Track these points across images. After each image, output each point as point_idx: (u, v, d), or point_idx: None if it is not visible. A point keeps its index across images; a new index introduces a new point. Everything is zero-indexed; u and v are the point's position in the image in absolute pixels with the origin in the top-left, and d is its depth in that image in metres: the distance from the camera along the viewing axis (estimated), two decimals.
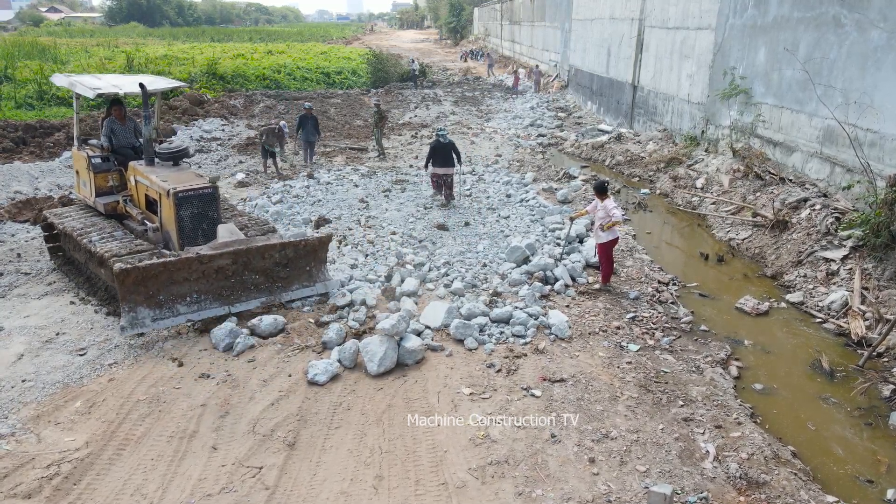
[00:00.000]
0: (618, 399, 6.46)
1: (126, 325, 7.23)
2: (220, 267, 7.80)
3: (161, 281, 7.37)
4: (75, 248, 8.87)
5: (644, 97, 19.98)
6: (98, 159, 9.37)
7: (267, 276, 8.22)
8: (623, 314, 8.44)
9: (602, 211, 8.94)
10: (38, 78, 25.01)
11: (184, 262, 7.48)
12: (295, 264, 8.39)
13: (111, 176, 9.44)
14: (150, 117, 8.94)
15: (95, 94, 8.76)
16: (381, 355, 6.88)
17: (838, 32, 10.87)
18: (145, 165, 8.99)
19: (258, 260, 8.06)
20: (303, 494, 5.16)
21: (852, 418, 6.51)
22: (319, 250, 8.58)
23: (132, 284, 7.17)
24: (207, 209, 8.52)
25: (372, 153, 18.79)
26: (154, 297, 7.39)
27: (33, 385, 6.65)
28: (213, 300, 7.85)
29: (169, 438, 5.84)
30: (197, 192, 8.38)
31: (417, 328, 7.70)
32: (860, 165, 10.01)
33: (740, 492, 5.22)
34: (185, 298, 7.65)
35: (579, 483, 5.26)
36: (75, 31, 71.77)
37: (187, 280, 7.59)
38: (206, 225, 8.52)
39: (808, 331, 8.35)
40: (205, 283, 7.75)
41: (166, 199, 8.26)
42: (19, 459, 5.52)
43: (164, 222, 8.49)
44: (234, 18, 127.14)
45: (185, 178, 8.65)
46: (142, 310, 7.33)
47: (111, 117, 9.59)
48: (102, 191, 9.42)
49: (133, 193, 9.20)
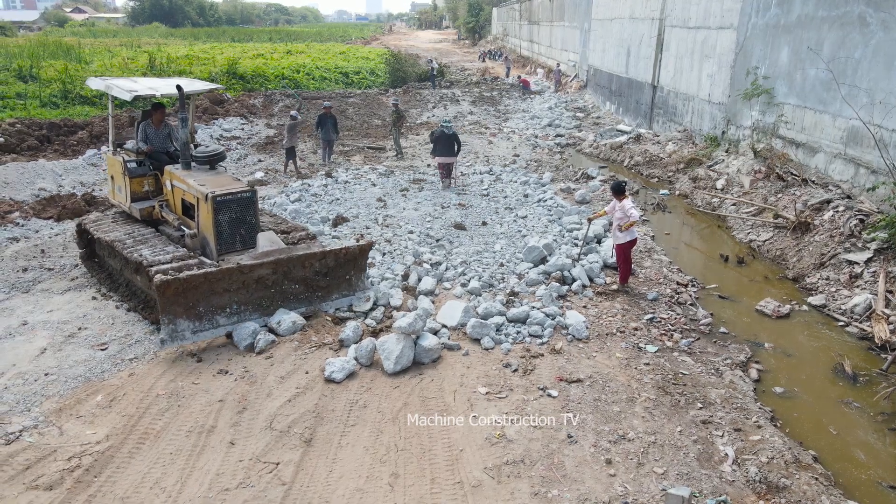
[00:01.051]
0: (635, 400, 6.41)
1: (166, 338, 7.03)
2: (260, 277, 7.62)
3: (201, 292, 7.18)
4: (111, 254, 8.76)
5: (664, 97, 19.81)
6: (133, 164, 9.19)
7: (307, 285, 8.04)
8: (641, 315, 8.37)
9: (620, 211, 8.88)
10: (62, 77, 25.41)
11: (224, 273, 7.30)
12: (335, 273, 8.21)
13: (146, 181, 9.28)
14: (187, 120, 8.74)
15: (132, 97, 8.60)
16: (397, 354, 6.89)
17: (863, 31, 10.69)
18: (182, 169, 8.77)
19: (298, 269, 7.89)
20: (319, 491, 5.18)
21: (875, 423, 6.39)
22: (360, 258, 8.39)
23: (172, 296, 6.97)
24: (245, 214, 8.30)
25: (390, 152, 18.84)
26: (194, 308, 7.19)
27: (56, 379, 6.75)
28: (252, 311, 7.68)
29: (188, 433, 5.90)
30: (235, 197, 8.16)
31: (434, 327, 7.72)
32: (885, 167, 9.84)
33: (760, 496, 5.16)
34: (225, 309, 7.46)
35: (596, 484, 5.22)
36: (99, 31, 72.81)
37: (227, 291, 7.41)
38: (244, 230, 8.32)
39: (831, 334, 8.22)
40: (245, 294, 7.57)
41: (204, 203, 8.04)
42: (41, 452, 5.62)
43: (202, 228, 8.27)
44: (254, 19, 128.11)
45: (222, 182, 8.43)
46: (181, 322, 7.14)
47: (147, 121, 9.42)
48: (138, 196, 9.25)
49: (169, 198, 9.02)
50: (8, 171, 14.15)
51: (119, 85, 9.06)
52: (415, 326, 7.05)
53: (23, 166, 14.73)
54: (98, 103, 23.85)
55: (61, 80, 25.06)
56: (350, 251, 8.23)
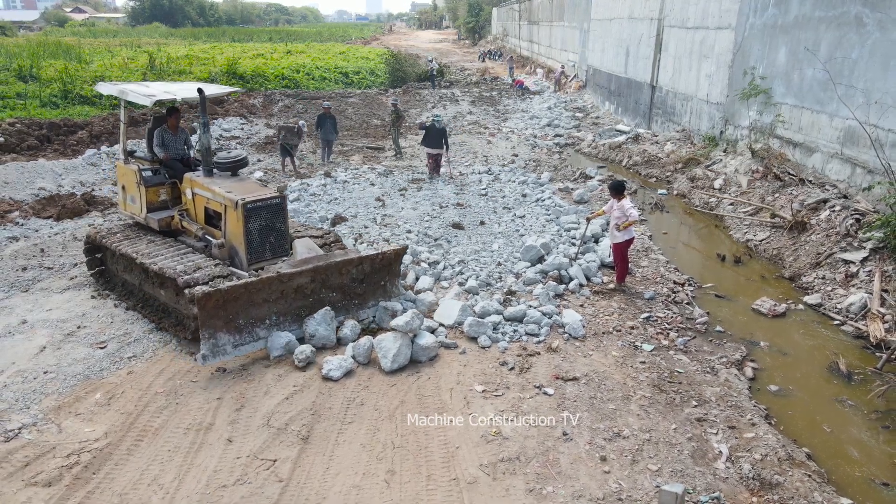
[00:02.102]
0: (631, 398, 6.45)
1: (207, 353, 6.75)
2: (299, 286, 7.37)
3: (241, 304, 6.92)
4: (127, 268, 8.43)
5: (662, 97, 19.85)
6: (149, 172, 8.74)
7: (344, 292, 7.82)
8: (638, 314, 8.41)
9: (618, 211, 8.91)
10: (62, 77, 25.46)
11: (264, 283, 7.03)
12: (370, 279, 8.02)
13: (163, 190, 8.80)
14: (208, 124, 8.35)
15: (152, 101, 8.18)
16: (394, 352, 6.93)
17: (860, 32, 10.74)
18: (203, 176, 8.38)
19: (336, 276, 7.67)
20: (316, 487, 5.22)
21: (869, 421, 6.43)
22: (394, 264, 8.25)
23: (212, 309, 6.67)
24: (275, 221, 7.96)
25: (389, 152, 18.88)
26: (234, 321, 6.93)
27: (55, 377, 6.79)
28: (291, 321, 7.45)
29: (185, 430, 5.95)
30: (265, 203, 7.81)
31: (431, 325, 7.75)
32: (881, 166, 9.88)
33: (753, 493, 5.20)
34: (265, 321, 7.20)
35: (590, 481, 5.26)
36: (99, 31, 72.86)
37: (266, 301, 7.16)
38: (273, 238, 7.99)
39: (826, 333, 8.26)
40: (283, 304, 7.33)
41: (233, 210, 7.71)
42: (40, 449, 5.66)
43: (230, 236, 7.93)
44: (254, 19, 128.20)
45: (249, 189, 8.08)
46: (222, 336, 6.87)
47: (162, 127, 9.01)
48: (154, 206, 8.74)
49: (189, 207, 8.57)
50: (8, 171, 14.19)
51: (134, 90, 8.66)
52: (412, 325, 7.10)
53: (22, 166, 14.78)
54: (98, 103, 23.89)
55: (61, 79, 25.11)
56: (386, 256, 8.05)
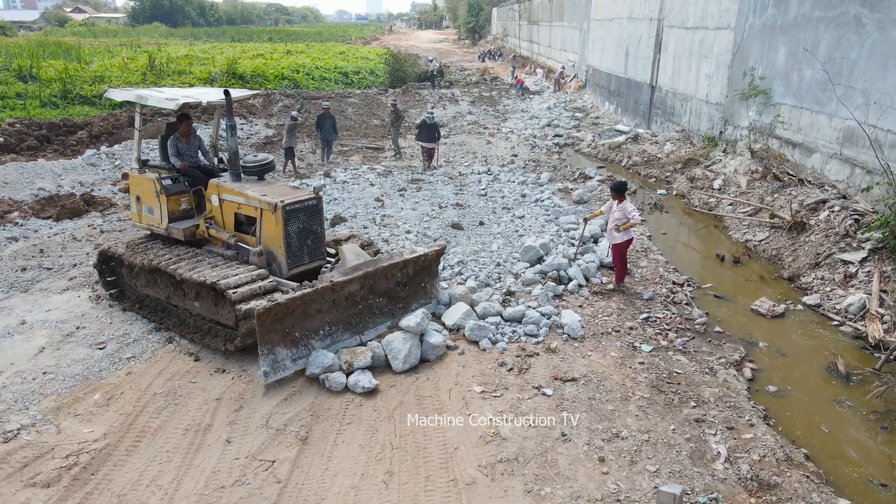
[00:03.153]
0: (629, 399, 6.45)
1: (269, 370, 6.49)
2: (350, 294, 7.17)
3: (296, 316, 6.71)
4: (150, 283, 8.11)
5: (662, 97, 19.86)
6: (168, 181, 8.39)
7: (389, 297, 7.65)
8: (637, 315, 8.41)
9: (619, 212, 8.90)
10: (62, 77, 25.47)
11: (319, 293, 6.81)
12: (413, 282, 7.88)
13: (184, 198, 8.48)
14: (235, 128, 8.08)
15: (177, 106, 7.86)
16: (405, 353, 6.93)
17: (859, 32, 10.74)
18: (231, 182, 8.12)
19: (382, 281, 7.50)
20: (314, 488, 5.23)
21: (868, 422, 6.44)
22: (434, 264, 8.12)
23: (271, 323, 6.43)
24: (312, 223, 7.78)
25: (388, 152, 18.89)
26: (290, 334, 6.70)
27: (54, 377, 6.80)
28: (343, 330, 7.20)
29: (184, 431, 5.95)
30: (303, 205, 7.62)
31: (436, 326, 7.72)
32: (880, 167, 9.88)
33: (751, 493, 5.20)
34: (318, 332, 6.98)
35: (589, 482, 5.27)
36: (99, 31, 72.87)
37: (319, 312, 6.93)
38: (310, 241, 7.82)
39: (825, 333, 8.26)
40: (335, 313, 7.11)
41: (271, 214, 7.48)
42: (39, 450, 5.66)
43: (267, 241, 7.68)
44: (254, 19, 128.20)
45: (283, 191, 7.85)
46: (280, 350, 6.63)
47: (175, 135, 8.68)
48: (175, 216, 8.41)
49: (216, 215, 8.23)
50: (7, 171, 14.21)
51: (154, 95, 8.31)
52: (422, 325, 7.12)
53: (22, 166, 14.79)
54: (97, 104, 23.89)
55: (61, 80, 25.12)
56: (428, 257, 7.91)
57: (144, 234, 9.02)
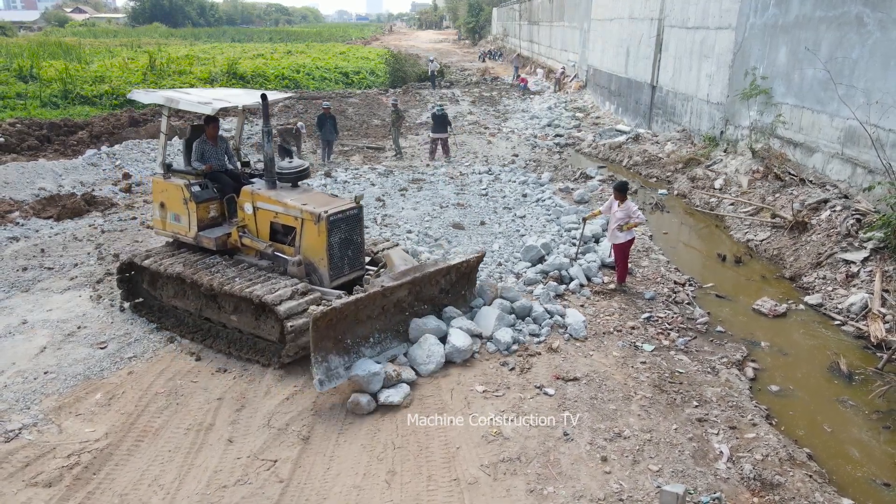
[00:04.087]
0: (631, 398, 6.45)
1: (323, 379, 6.24)
2: (398, 300, 7.03)
3: (348, 322, 6.54)
4: (179, 294, 7.87)
5: (663, 97, 19.85)
6: (197, 187, 8.01)
7: (433, 304, 7.50)
8: (638, 314, 8.40)
9: (622, 212, 8.88)
10: (62, 77, 25.48)
11: (370, 298, 6.63)
12: (454, 289, 7.73)
13: (213, 206, 8.11)
14: (271, 133, 7.71)
15: (213, 110, 7.53)
16: (426, 353, 6.86)
17: (861, 32, 10.73)
18: (267, 189, 7.78)
19: (428, 288, 7.35)
20: (316, 488, 5.22)
21: (870, 421, 6.43)
22: (473, 272, 7.95)
23: (324, 329, 6.25)
24: (353, 233, 7.53)
25: (389, 152, 18.88)
26: (342, 341, 6.51)
27: (55, 377, 6.79)
28: (392, 338, 7.06)
29: (186, 431, 5.94)
30: (345, 214, 7.37)
31: (471, 328, 7.48)
32: (882, 166, 9.87)
33: (754, 493, 5.19)
34: (368, 339, 6.81)
35: (591, 481, 5.26)
36: (99, 31, 72.91)
37: (370, 318, 6.78)
38: (351, 251, 7.57)
39: (827, 333, 8.26)
40: (383, 320, 6.96)
41: (313, 224, 7.19)
42: (41, 449, 5.66)
43: (307, 252, 7.39)
44: (254, 19, 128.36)
45: (323, 200, 7.60)
46: (333, 358, 6.41)
47: (201, 138, 8.36)
48: (204, 223, 8.03)
49: (249, 223, 7.88)
50: (8, 171, 14.20)
51: (185, 98, 7.91)
52: (441, 328, 7.06)
53: (23, 166, 14.79)
54: (98, 103, 23.91)
55: (61, 80, 25.13)
56: (470, 263, 7.76)
57: (166, 242, 8.60)
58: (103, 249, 10.44)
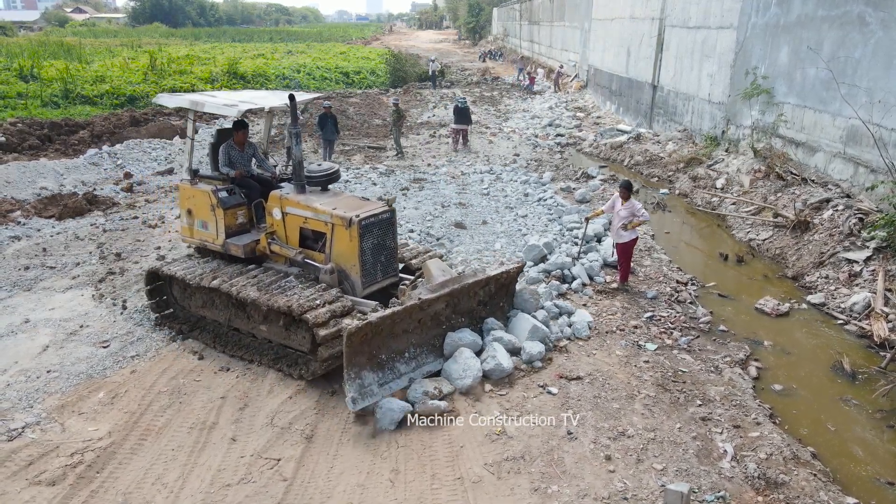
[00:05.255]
0: (635, 397, 6.44)
1: (356, 396, 5.96)
2: (435, 313, 6.73)
3: (383, 337, 6.27)
4: (207, 303, 7.63)
5: (664, 97, 19.84)
6: (224, 193, 7.76)
7: (471, 317, 7.19)
8: (641, 313, 8.40)
9: (626, 210, 8.86)
10: (63, 77, 25.48)
11: (407, 311, 6.34)
12: (492, 301, 7.43)
13: (241, 212, 7.87)
14: (300, 135, 7.43)
15: (239, 112, 7.34)
16: (462, 367, 6.58)
17: (863, 31, 10.72)
18: (296, 194, 7.50)
19: (466, 300, 7.05)
20: (320, 486, 5.21)
21: (874, 420, 6.42)
22: (512, 283, 7.67)
23: (358, 344, 5.99)
24: (386, 238, 7.24)
25: (390, 152, 18.88)
26: (376, 357, 6.25)
27: (58, 376, 6.79)
28: (428, 353, 6.75)
29: (189, 429, 5.94)
30: (378, 219, 7.08)
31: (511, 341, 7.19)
32: (885, 166, 9.87)
33: (758, 492, 5.18)
34: (404, 354, 6.52)
35: (595, 480, 5.25)
36: (99, 31, 72.95)
37: (405, 332, 6.48)
38: (384, 257, 7.29)
39: (830, 332, 8.25)
40: (419, 334, 6.66)
41: (345, 229, 6.91)
42: (44, 448, 5.65)
43: (339, 258, 7.10)
44: (254, 19, 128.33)
45: (354, 204, 7.30)
46: (367, 374, 6.16)
47: (228, 143, 8.10)
48: (232, 230, 7.78)
49: (278, 229, 7.60)
50: (9, 171, 14.19)
51: (210, 101, 7.73)
52: (477, 342, 6.87)
53: (24, 165, 14.78)
54: (99, 103, 23.89)
55: (62, 79, 25.13)
56: (510, 274, 7.47)
57: (201, 251, 8.34)
58: (105, 249, 10.44)
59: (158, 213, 12.34)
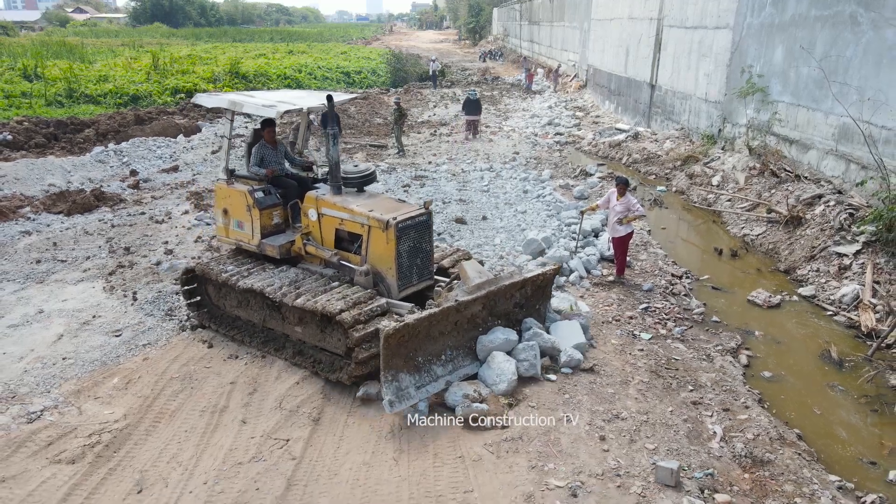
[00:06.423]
0: (629, 383, 6.69)
1: (393, 399, 5.96)
2: (472, 315, 6.67)
3: (420, 339, 6.24)
4: (242, 304, 7.60)
5: (661, 96, 20.10)
6: (260, 193, 7.69)
7: (508, 319, 7.09)
8: (636, 305, 8.65)
9: (621, 205, 9.10)
10: (67, 76, 25.73)
11: (444, 314, 6.31)
12: (529, 303, 7.33)
13: (276, 212, 7.83)
14: (338, 136, 7.32)
15: (278, 113, 7.36)
16: (497, 372, 6.49)
17: (854, 31, 10.98)
18: (332, 195, 7.45)
19: (502, 302, 6.98)
20: (327, 464, 5.46)
21: (859, 405, 6.68)
22: (549, 285, 7.56)
23: (395, 347, 5.96)
24: (422, 241, 7.15)
25: (391, 150, 19.12)
26: (413, 359, 6.22)
27: (73, 363, 7.04)
28: (464, 356, 6.69)
29: (201, 412, 6.19)
30: (415, 221, 6.99)
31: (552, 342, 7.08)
32: (874, 162, 10.12)
33: (745, 469, 5.44)
34: (440, 357, 6.47)
35: (590, 458, 5.50)
36: (101, 31, 73.19)
37: (442, 334, 6.44)
38: (420, 260, 7.20)
39: (819, 323, 8.50)
40: (455, 337, 6.61)
41: (381, 232, 6.82)
42: (62, 429, 5.90)
43: (375, 261, 7.01)
44: (255, 19, 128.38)
45: (391, 206, 7.21)
46: (404, 377, 6.13)
47: (261, 142, 8.03)
48: (267, 231, 7.74)
49: (314, 230, 7.55)
50: (18, 168, 14.45)
51: (249, 101, 7.69)
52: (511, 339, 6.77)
53: (32, 162, 15.04)
54: (103, 102, 24.13)
55: (66, 79, 25.37)
56: (546, 276, 7.37)
57: (236, 251, 8.28)
58: (114, 243, 10.69)
59: (165, 209, 12.59)
